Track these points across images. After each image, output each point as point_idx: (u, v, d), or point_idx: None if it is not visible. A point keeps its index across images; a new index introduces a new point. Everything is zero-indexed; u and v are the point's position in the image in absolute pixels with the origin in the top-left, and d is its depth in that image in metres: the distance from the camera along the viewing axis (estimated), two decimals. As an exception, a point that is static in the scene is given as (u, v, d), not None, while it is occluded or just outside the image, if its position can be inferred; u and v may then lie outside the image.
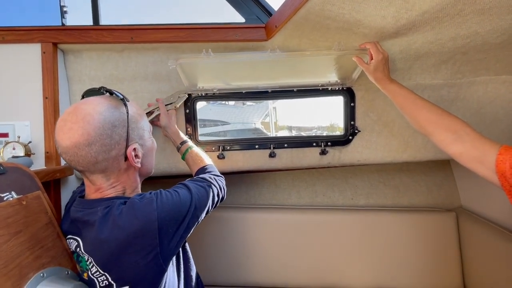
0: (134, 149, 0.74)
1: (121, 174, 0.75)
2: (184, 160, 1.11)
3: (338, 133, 1.35)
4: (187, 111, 1.27)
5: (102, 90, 0.75)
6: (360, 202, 1.67)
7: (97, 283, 0.69)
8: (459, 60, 1.10)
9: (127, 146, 0.73)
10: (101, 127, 0.68)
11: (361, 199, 1.67)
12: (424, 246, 1.49)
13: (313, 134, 1.60)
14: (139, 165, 0.77)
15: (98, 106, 0.70)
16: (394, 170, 1.68)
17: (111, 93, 0.75)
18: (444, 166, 1.65)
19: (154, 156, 0.86)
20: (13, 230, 0.65)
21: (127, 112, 0.73)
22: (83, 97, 0.77)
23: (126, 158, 0.73)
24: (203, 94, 1.25)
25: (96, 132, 0.67)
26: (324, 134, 1.40)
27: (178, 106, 1.22)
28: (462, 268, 1.47)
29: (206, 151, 1.28)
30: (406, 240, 1.50)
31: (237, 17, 1.23)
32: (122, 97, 0.74)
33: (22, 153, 1.06)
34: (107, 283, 0.68)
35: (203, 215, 0.82)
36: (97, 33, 1.14)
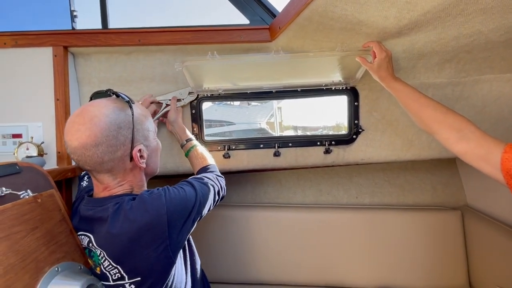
0: (140, 150, 0.77)
1: (127, 174, 0.78)
2: (187, 157, 1.14)
3: (342, 132, 1.37)
4: (193, 111, 1.29)
5: (109, 93, 0.78)
6: (365, 200, 1.68)
7: (109, 276, 0.72)
8: (463, 58, 1.11)
9: (132, 147, 0.75)
10: (107, 129, 0.70)
11: (366, 197, 1.68)
12: (430, 245, 1.49)
13: (318, 133, 1.61)
14: (144, 165, 0.79)
15: (104, 108, 0.72)
16: (399, 169, 1.68)
17: (117, 95, 0.78)
18: (450, 164, 1.65)
19: (159, 156, 0.88)
20: (29, 226, 0.68)
21: (132, 114, 0.75)
22: (91, 99, 0.80)
23: (131, 159, 0.76)
24: (209, 95, 1.28)
25: (103, 134, 0.70)
26: (328, 133, 1.42)
27: (186, 104, 1.26)
28: (467, 267, 1.47)
29: (212, 151, 1.30)
30: (411, 238, 1.50)
31: (241, 19, 1.25)
32: (127, 99, 0.77)
33: (35, 153, 1.10)
34: (119, 276, 0.71)
35: (206, 211, 0.85)
36: (105, 37, 1.17)
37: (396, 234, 1.51)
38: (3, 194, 0.69)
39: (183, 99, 1.25)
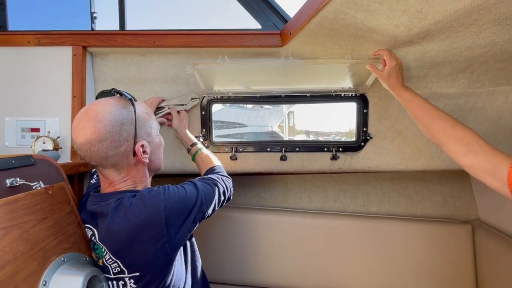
0: (142, 145, 0.79)
1: (131, 169, 0.80)
2: (194, 161, 1.16)
3: (350, 139, 1.36)
4: (203, 112, 1.32)
5: (113, 92, 0.82)
6: (371, 209, 1.66)
7: (110, 269, 0.75)
8: (478, 69, 1.08)
9: (135, 143, 0.78)
10: (110, 125, 0.74)
11: (373, 206, 1.66)
12: (437, 258, 1.45)
13: (325, 139, 1.61)
14: (147, 160, 0.82)
15: (108, 106, 0.76)
16: (408, 179, 1.65)
17: (121, 94, 0.81)
18: (462, 176, 1.60)
19: (162, 153, 0.91)
20: (40, 216, 0.72)
21: (135, 111, 0.79)
22: (97, 97, 0.84)
23: (134, 154, 0.79)
24: (219, 97, 1.30)
25: (106, 130, 0.73)
26: (336, 140, 1.41)
27: (189, 108, 1.28)
28: (476, 284, 1.42)
29: (219, 152, 1.32)
30: (418, 250, 1.47)
31: (254, 24, 1.27)
32: (130, 97, 0.81)
33: (51, 147, 1.15)
34: (119, 269, 0.74)
35: (209, 211, 0.86)
36: (122, 38, 1.22)
37: (402, 245, 1.48)
38: (17, 184, 0.72)
39: (185, 104, 1.28)
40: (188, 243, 0.89)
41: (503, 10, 0.75)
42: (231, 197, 1.00)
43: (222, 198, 0.94)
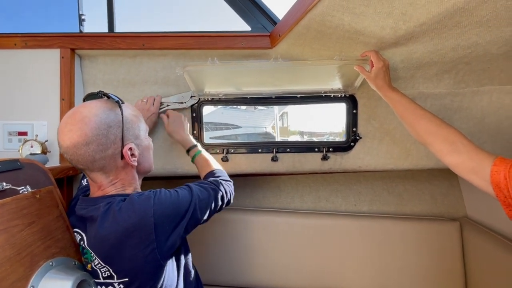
0: (130, 148, 0.78)
1: (119, 172, 0.79)
2: (193, 163, 1.14)
3: (340, 139, 1.37)
4: (194, 114, 1.32)
5: (100, 94, 0.81)
6: (363, 208, 1.68)
7: (100, 274, 0.74)
8: (462, 69, 1.11)
9: (122, 146, 0.77)
10: (97, 128, 0.73)
11: (364, 205, 1.68)
12: (426, 255, 1.47)
13: (315, 140, 1.62)
14: (135, 163, 0.81)
15: (94, 109, 0.75)
16: (398, 178, 1.68)
17: (108, 96, 0.80)
18: (450, 175, 1.64)
19: (152, 155, 0.89)
20: (27, 221, 0.71)
21: (122, 114, 0.78)
22: (84, 100, 0.82)
23: (122, 157, 0.77)
24: (210, 99, 1.30)
25: (93, 133, 0.72)
26: (326, 140, 1.42)
27: (188, 106, 1.29)
28: (465, 279, 1.45)
29: (211, 154, 1.32)
30: (408, 248, 1.49)
31: (244, 26, 1.28)
32: (117, 99, 0.79)
33: (39, 151, 1.14)
34: (108, 274, 0.73)
35: (205, 217, 0.85)
36: (111, 40, 1.21)
37: (393, 243, 1.50)
38: (3, 189, 0.71)
39: (185, 102, 1.28)
40: (182, 247, 0.87)
41: (484, 12, 0.77)
42: (231, 201, 0.99)
43: (220, 203, 0.91)
